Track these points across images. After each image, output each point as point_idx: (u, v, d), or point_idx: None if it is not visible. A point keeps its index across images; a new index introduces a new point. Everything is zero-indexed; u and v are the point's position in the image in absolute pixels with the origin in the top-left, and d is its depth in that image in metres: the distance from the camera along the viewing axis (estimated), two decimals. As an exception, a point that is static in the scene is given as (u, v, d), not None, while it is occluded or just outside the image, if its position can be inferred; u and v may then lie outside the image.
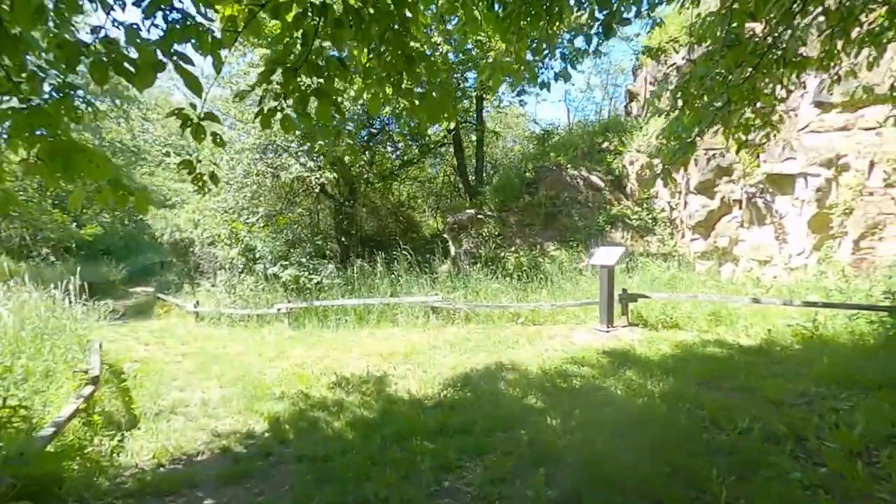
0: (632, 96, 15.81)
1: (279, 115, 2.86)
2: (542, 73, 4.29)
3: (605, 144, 14.33)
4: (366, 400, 5.52)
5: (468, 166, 17.41)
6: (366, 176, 13.70)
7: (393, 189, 18.84)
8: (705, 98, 4.59)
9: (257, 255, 12.05)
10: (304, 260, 12.11)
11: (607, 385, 5.32)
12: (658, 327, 8.07)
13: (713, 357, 6.08)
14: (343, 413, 5.10)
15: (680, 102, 4.96)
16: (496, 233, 12.07)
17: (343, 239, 14.41)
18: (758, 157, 10.22)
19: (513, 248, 11.80)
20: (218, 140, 2.95)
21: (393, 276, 11.06)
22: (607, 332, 7.76)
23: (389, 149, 17.35)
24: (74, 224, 21.21)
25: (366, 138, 13.96)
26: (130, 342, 10.43)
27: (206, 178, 3.05)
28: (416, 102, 3.05)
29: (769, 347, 6.43)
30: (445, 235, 12.38)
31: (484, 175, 17.24)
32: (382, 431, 4.42)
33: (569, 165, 13.33)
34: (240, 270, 12.31)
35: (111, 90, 22.42)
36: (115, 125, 24.09)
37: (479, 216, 12.11)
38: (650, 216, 12.31)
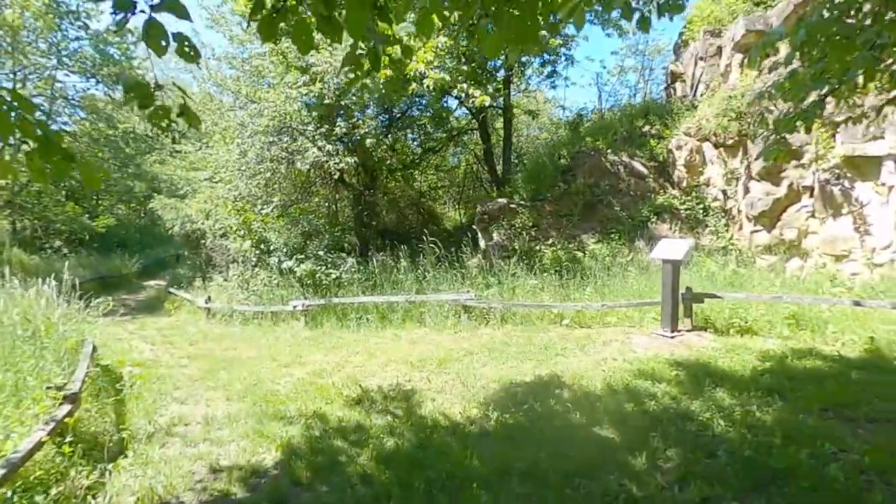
0: (674, 77, 14.53)
1: (286, 24, 1.84)
2: (642, 6, 3.20)
3: (647, 128, 13.13)
4: (397, 423, 4.56)
5: (493, 154, 16.35)
6: (388, 162, 12.71)
7: (414, 179, 17.85)
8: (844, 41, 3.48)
9: (271, 248, 11.19)
10: (321, 253, 11.21)
11: (696, 410, 4.28)
12: (729, 332, 6.96)
13: (819, 373, 4.98)
14: (370, 442, 4.14)
15: (797, 56, 3.86)
16: (530, 224, 11.00)
17: (363, 231, 13.48)
18: (833, 136, 8.99)
19: (549, 241, 10.73)
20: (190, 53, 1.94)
21: (418, 271, 10.08)
22: (672, 337, 6.68)
23: (410, 137, 16.36)
24: (87, 216, 20.68)
25: (386, 123, 12.97)
26: (136, 341, 9.66)
27: (171, 113, 2.06)
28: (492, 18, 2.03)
29: (882, 361, 5.31)
30: (475, 227, 11.36)
31: (512, 163, 16.14)
32: (424, 473, 3.45)
33: (608, 150, 12.17)
34: (253, 264, 11.48)
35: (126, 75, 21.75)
36: (128, 113, 23.51)
37: (512, 205, 11.05)
38: (700, 206, 11.11)
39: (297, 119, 10.01)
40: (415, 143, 16.95)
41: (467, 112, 16.93)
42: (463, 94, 8.72)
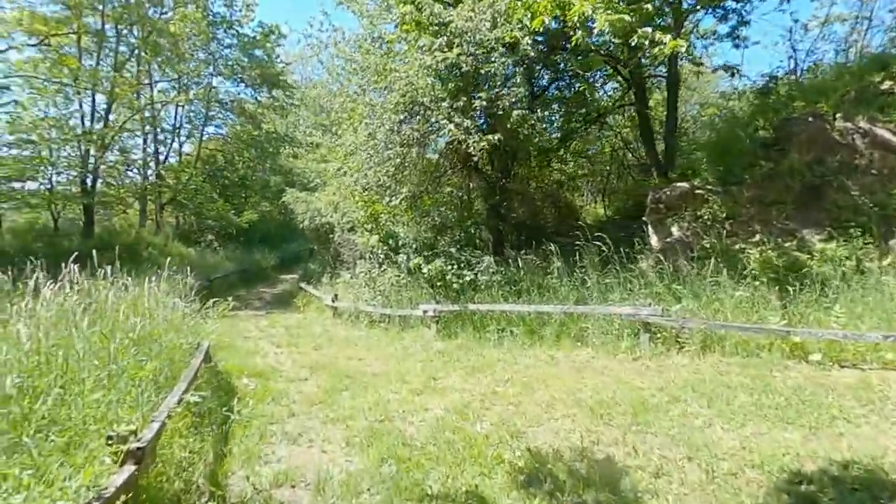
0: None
1: None
2: None
3: (889, 85, 9.50)
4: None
5: (653, 132, 13.55)
6: (537, 140, 10.79)
7: (551, 167, 15.71)
8: None
9: (399, 244, 10.00)
10: (453, 250, 9.72)
11: None
12: None
13: None
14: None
15: None
16: (723, 215, 8.33)
17: (498, 225, 11.78)
18: None
19: (754, 238, 7.97)
20: None
21: (574, 274, 8.02)
22: None
23: (549, 117, 14.26)
24: (233, 212, 21.98)
25: (527, 98, 11.06)
26: (263, 342, 9.05)
27: None
28: None
29: None
30: (645, 219, 8.97)
31: (677, 142, 13.21)
32: None
33: (837, 115, 8.91)
34: (380, 261, 10.40)
35: (271, 79, 22.84)
36: (271, 113, 24.77)
37: (697, 191, 8.45)
38: None
39: (430, 94, 8.57)
40: (552, 125, 14.84)
41: (620, 83, 14.38)
42: (645, 41, 6.48)
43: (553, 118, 14.74)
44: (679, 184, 8.76)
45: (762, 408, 4.34)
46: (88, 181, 18.09)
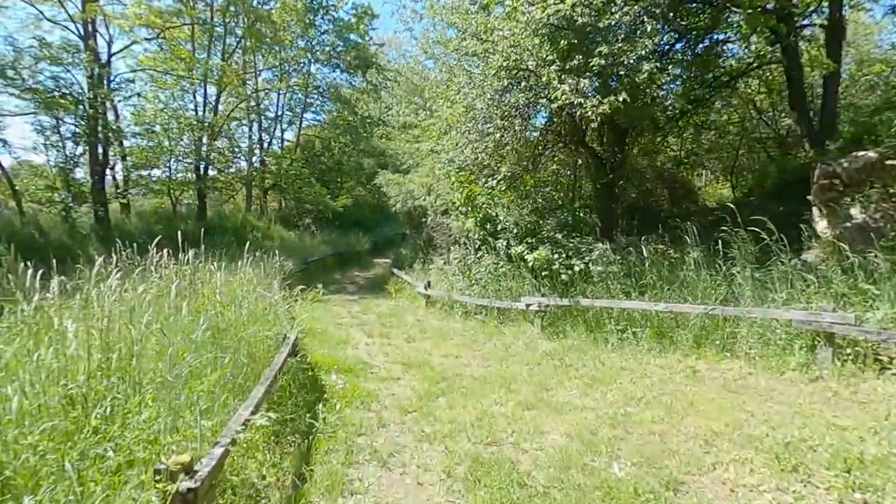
0: None
1: None
2: None
3: None
4: None
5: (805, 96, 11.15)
6: (663, 105, 9.16)
7: (667, 141, 13.73)
8: None
9: (498, 228, 9.04)
10: (559, 236, 8.58)
11: None
12: None
13: None
14: None
15: None
16: (928, 193, 6.31)
17: (608, 208, 10.38)
18: None
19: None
20: None
21: (715, 265, 6.51)
22: None
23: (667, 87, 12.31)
24: (328, 196, 22.38)
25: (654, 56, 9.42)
26: (354, 331, 8.62)
27: None
28: None
29: None
30: (811, 199, 7.13)
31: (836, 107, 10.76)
32: None
33: None
34: (476, 247, 9.54)
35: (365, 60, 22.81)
36: (365, 97, 24.81)
37: (889, 161, 6.47)
38: None
39: (537, 56, 7.42)
40: (672, 93, 12.84)
41: (760, 39, 12.01)
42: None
43: (674, 85, 12.76)
44: (861, 153, 6.81)
45: None
46: (201, 168, 19.24)
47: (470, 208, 9.46)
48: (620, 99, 6.38)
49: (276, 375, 4.01)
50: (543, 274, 8.02)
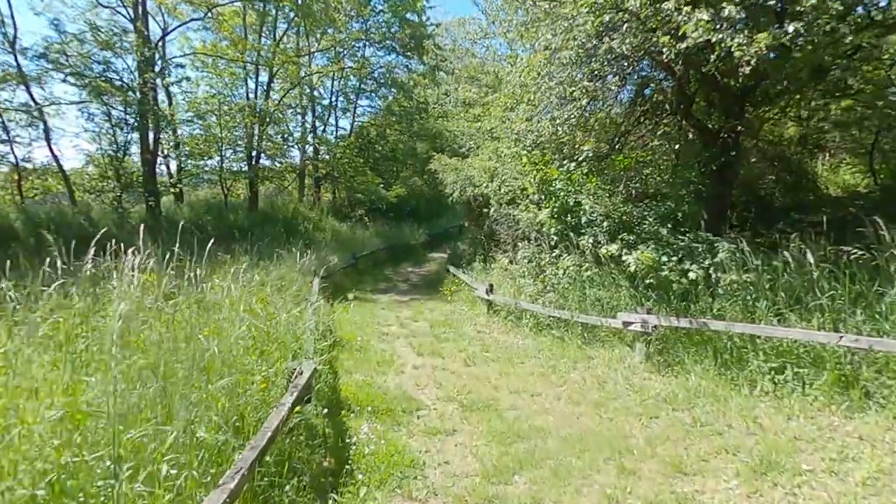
0: None
1: None
2: None
3: None
4: None
5: None
6: (847, 42, 6.79)
7: (787, 113, 11.11)
8: None
9: (582, 221, 7.15)
10: (664, 231, 6.59)
11: None
12: None
13: None
14: None
15: None
16: None
17: (719, 196, 8.18)
18: None
19: None
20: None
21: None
22: None
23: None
24: (382, 186, 21.12)
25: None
26: (401, 345, 7.09)
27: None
28: None
29: None
30: None
31: None
32: None
33: None
34: (552, 244, 7.71)
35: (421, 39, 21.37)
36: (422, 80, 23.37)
37: None
38: None
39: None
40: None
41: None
42: None
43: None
44: None
45: None
46: (253, 157, 18.52)
47: (544, 196, 7.63)
48: (791, 30, 4.25)
49: (266, 446, 2.47)
50: (647, 282, 6.07)
